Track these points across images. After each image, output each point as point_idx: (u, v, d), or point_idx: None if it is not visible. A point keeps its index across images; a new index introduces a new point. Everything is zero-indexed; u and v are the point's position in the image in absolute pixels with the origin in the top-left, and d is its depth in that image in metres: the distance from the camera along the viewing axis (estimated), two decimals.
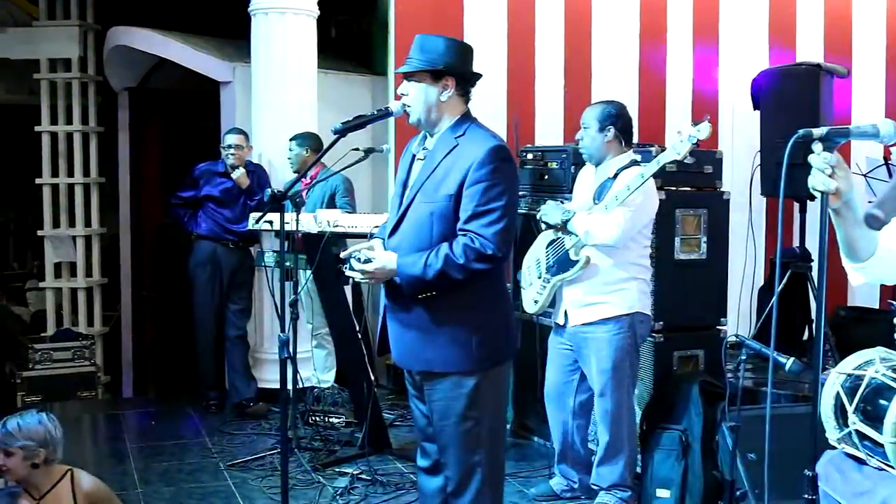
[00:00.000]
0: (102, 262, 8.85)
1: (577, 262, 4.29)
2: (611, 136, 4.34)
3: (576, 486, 4.62)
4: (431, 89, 3.23)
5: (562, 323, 4.48)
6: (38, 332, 8.46)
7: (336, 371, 6.32)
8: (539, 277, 4.49)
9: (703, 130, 3.99)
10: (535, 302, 4.53)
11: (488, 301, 3.25)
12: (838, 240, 2.51)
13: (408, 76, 3.26)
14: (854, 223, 2.39)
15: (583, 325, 4.36)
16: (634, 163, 4.33)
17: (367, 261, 3.21)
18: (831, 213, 2.40)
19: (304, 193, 6.05)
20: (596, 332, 4.32)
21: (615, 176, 4.29)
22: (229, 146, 6.21)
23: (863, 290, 6.62)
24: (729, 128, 6.84)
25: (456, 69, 3.25)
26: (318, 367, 6.32)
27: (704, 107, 6.84)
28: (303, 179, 5.81)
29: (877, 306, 6.43)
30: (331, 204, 5.97)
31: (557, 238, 4.41)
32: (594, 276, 4.31)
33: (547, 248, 4.48)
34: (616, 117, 4.36)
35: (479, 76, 3.33)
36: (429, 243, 3.15)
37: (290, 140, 6.18)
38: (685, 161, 4.21)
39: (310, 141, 6.12)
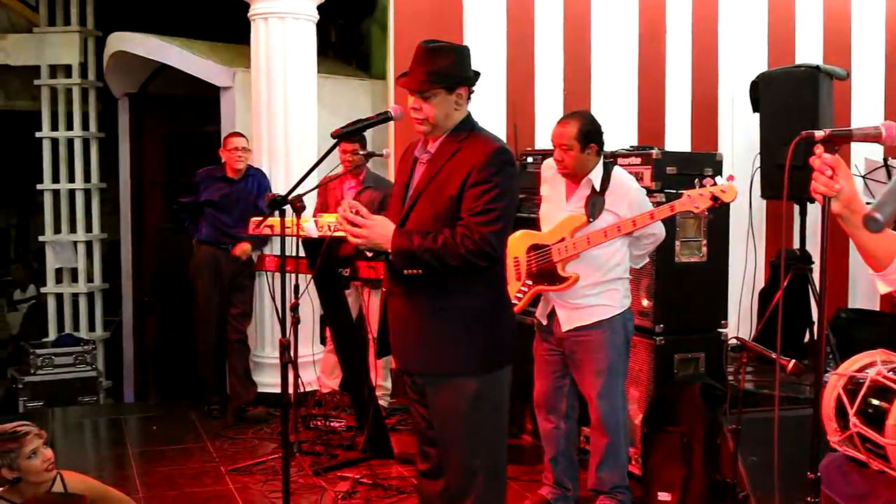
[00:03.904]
0: (103, 268, 8.87)
1: (564, 278, 4.22)
2: (593, 152, 4.25)
3: (570, 493, 4.52)
4: (448, 102, 3.20)
5: (545, 323, 4.41)
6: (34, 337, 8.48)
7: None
8: (518, 280, 4.40)
9: (730, 193, 3.96)
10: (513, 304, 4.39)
11: (490, 304, 3.25)
12: (857, 248, 2.44)
13: (420, 92, 3.19)
14: (860, 227, 2.31)
15: (575, 328, 4.29)
16: (608, 166, 4.29)
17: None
18: (840, 220, 2.34)
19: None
20: (591, 335, 4.25)
21: (602, 191, 4.21)
22: (236, 149, 6.21)
23: (864, 292, 6.61)
24: (728, 130, 6.84)
25: (470, 78, 3.26)
26: (324, 372, 6.28)
27: (704, 109, 6.85)
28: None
29: (878, 308, 6.43)
30: None
31: (544, 247, 4.31)
32: (585, 279, 4.23)
33: (529, 252, 4.37)
34: (594, 133, 4.24)
35: (479, 75, 3.32)
36: None
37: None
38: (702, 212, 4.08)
39: None
